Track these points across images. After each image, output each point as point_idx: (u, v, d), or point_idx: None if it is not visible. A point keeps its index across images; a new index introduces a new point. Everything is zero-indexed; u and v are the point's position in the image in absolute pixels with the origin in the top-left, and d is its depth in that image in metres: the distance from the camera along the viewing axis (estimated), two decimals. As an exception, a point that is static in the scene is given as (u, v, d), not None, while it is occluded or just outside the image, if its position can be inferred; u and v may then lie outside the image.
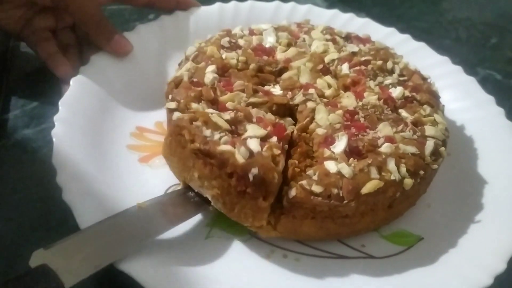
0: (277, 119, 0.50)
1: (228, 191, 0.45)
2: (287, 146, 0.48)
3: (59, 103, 0.53)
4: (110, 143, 0.53)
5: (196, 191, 0.48)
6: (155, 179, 0.52)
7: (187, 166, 0.47)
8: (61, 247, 0.40)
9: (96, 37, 0.59)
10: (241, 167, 0.44)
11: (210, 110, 0.48)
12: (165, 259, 0.45)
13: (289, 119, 0.52)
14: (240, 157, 0.44)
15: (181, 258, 0.45)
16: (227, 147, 0.44)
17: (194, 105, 0.48)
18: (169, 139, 0.49)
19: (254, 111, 0.49)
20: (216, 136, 0.45)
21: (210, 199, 0.47)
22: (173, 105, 0.49)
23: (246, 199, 0.45)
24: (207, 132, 0.46)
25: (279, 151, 0.46)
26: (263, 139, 0.46)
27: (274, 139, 0.47)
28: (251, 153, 0.44)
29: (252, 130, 0.46)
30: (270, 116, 0.50)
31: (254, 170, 0.43)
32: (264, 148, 0.45)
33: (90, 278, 0.39)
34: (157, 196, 0.49)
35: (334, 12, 0.74)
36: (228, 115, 0.48)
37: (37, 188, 0.51)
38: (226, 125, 0.46)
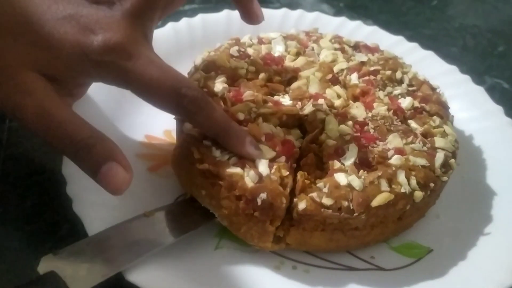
0: (285, 135, 0.50)
1: (236, 212, 0.45)
2: (295, 164, 0.48)
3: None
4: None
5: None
6: (164, 188, 0.52)
7: (195, 182, 0.47)
8: (70, 254, 0.40)
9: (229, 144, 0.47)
10: (250, 191, 0.44)
11: None
12: (174, 270, 0.45)
13: (297, 131, 0.52)
14: (249, 181, 0.44)
15: (190, 269, 0.45)
16: (237, 170, 0.44)
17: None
18: (178, 151, 0.49)
19: (263, 126, 0.49)
20: (225, 156, 0.45)
21: (216, 216, 0.47)
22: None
23: (253, 222, 0.45)
24: (217, 153, 0.46)
25: (288, 172, 0.46)
26: (272, 160, 0.46)
27: (283, 159, 0.47)
28: (260, 177, 0.44)
29: (263, 152, 0.46)
30: (279, 132, 0.49)
31: (263, 195, 0.43)
32: (273, 170, 0.45)
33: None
34: (165, 205, 0.49)
35: (342, 19, 0.74)
36: None
37: (46, 197, 0.51)
38: None
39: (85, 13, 0.42)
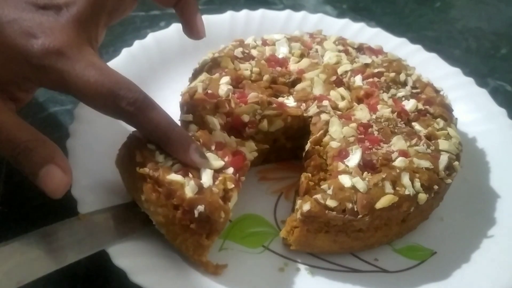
0: (238, 146, 0.48)
1: (172, 221, 0.43)
2: (243, 178, 0.47)
3: (74, 113, 0.53)
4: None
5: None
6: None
7: (136, 186, 0.45)
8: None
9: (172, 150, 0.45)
10: (188, 201, 0.42)
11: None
12: (179, 271, 0.45)
13: (252, 144, 0.50)
14: (188, 191, 0.42)
15: (196, 270, 0.45)
16: (177, 177, 0.42)
17: (209, 118, 0.48)
18: (122, 152, 0.47)
19: (216, 134, 0.48)
20: (169, 162, 0.44)
21: (154, 223, 0.45)
22: (189, 117, 0.49)
23: (189, 233, 0.43)
24: (160, 157, 0.44)
25: (233, 185, 0.44)
26: (219, 170, 0.45)
27: (231, 170, 0.45)
28: (200, 188, 0.42)
29: (209, 160, 0.45)
30: (231, 142, 0.48)
31: (200, 207, 0.42)
32: (217, 182, 0.44)
33: None
34: (103, 208, 0.46)
35: (345, 21, 0.74)
36: None
37: (51, 199, 0.51)
38: None
39: (29, 17, 0.42)
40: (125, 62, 0.61)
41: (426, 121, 0.53)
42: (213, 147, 0.46)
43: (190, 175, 0.43)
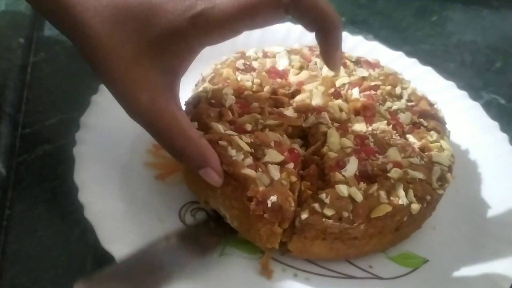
0: (291, 143, 0.52)
1: (247, 213, 0.47)
2: (302, 171, 0.50)
3: (80, 120, 0.55)
4: (129, 160, 0.55)
5: (214, 210, 0.50)
6: (172, 196, 0.54)
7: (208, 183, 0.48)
8: (99, 281, 0.41)
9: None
10: (262, 193, 0.45)
11: (229, 132, 0.50)
12: (179, 275, 0.46)
13: (299, 141, 0.54)
14: (261, 183, 0.46)
15: (196, 273, 0.47)
16: (250, 171, 0.46)
17: (214, 125, 0.50)
18: None
19: (270, 134, 0.51)
20: (240, 156, 0.47)
21: (227, 217, 0.49)
22: (194, 125, 0.51)
23: (262, 223, 0.46)
24: (233, 152, 0.47)
25: (296, 179, 0.48)
26: (281, 165, 0.48)
27: (291, 165, 0.49)
28: (271, 180, 0.46)
29: (271, 156, 0.48)
30: (285, 140, 0.52)
31: (273, 198, 0.45)
32: (283, 175, 0.48)
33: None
34: (184, 227, 0.50)
35: (344, 34, 0.75)
36: (248, 138, 0.49)
37: (58, 203, 0.53)
38: (248, 148, 0.48)
39: None
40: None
41: (420, 134, 0.55)
42: (272, 144, 0.50)
43: (260, 169, 0.47)
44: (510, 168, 0.60)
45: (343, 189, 0.48)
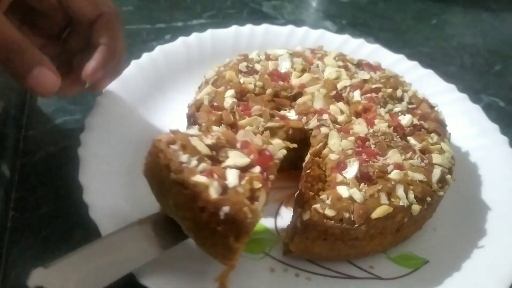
0: (265, 144, 0.47)
1: (200, 225, 0.42)
2: (272, 176, 0.45)
3: (85, 122, 0.56)
4: (133, 161, 0.55)
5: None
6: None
7: (163, 191, 0.44)
8: (59, 267, 0.39)
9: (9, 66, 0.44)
10: (213, 203, 0.40)
11: (192, 132, 0.45)
12: (182, 275, 0.47)
13: (279, 141, 0.49)
14: (213, 192, 0.40)
15: (197, 274, 0.48)
16: (202, 179, 0.41)
17: (215, 128, 0.51)
18: (148, 159, 0.45)
19: (241, 133, 0.47)
20: (193, 162, 0.42)
21: (183, 228, 0.45)
22: (195, 128, 0.51)
23: (217, 237, 0.42)
24: (184, 158, 0.42)
25: (260, 185, 0.43)
26: (245, 169, 0.43)
27: (257, 169, 0.44)
28: (224, 188, 0.41)
29: (234, 158, 0.44)
30: (257, 141, 0.46)
31: (226, 208, 0.40)
32: (243, 181, 0.42)
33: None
34: (156, 213, 0.47)
35: (345, 37, 0.77)
36: (210, 139, 0.45)
37: (61, 204, 0.54)
38: (206, 150, 0.43)
39: None
40: (134, 73, 0.64)
41: (420, 136, 0.56)
42: (238, 145, 0.45)
43: (215, 175, 0.42)
44: (510, 170, 0.60)
45: (344, 190, 0.48)
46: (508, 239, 0.53)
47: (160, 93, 0.64)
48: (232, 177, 0.42)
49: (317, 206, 0.48)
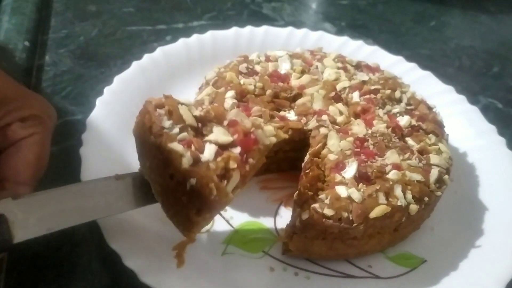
0: (255, 127, 0.45)
1: (167, 191, 0.42)
2: (252, 161, 0.44)
3: (86, 122, 0.56)
4: (135, 159, 0.56)
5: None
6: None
7: (143, 151, 0.45)
8: (27, 201, 0.40)
9: None
10: (181, 172, 0.40)
11: (183, 100, 0.45)
12: (184, 273, 0.47)
13: (271, 128, 0.48)
14: (184, 162, 0.40)
15: (199, 272, 0.48)
16: (177, 147, 0.40)
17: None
18: (138, 119, 0.45)
19: (233, 112, 0.45)
20: (175, 130, 0.42)
21: (153, 192, 0.45)
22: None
23: (180, 206, 0.42)
24: (167, 123, 0.42)
25: (235, 165, 0.42)
26: (225, 147, 0.43)
27: (238, 150, 0.43)
28: (196, 161, 0.41)
29: (216, 134, 0.43)
30: (247, 122, 0.45)
31: (192, 180, 0.40)
32: (219, 159, 0.41)
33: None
34: (139, 172, 0.47)
35: (344, 39, 0.77)
36: (198, 111, 0.44)
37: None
38: (191, 121, 0.43)
39: None
40: (135, 74, 0.65)
41: (418, 137, 0.57)
42: (225, 123, 0.44)
43: (193, 147, 0.41)
44: (507, 171, 0.61)
45: (342, 190, 0.49)
46: (504, 239, 0.54)
47: (160, 94, 0.64)
48: (208, 152, 0.41)
49: (316, 205, 0.48)
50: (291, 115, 0.57)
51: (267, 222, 0.55)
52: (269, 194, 0.58)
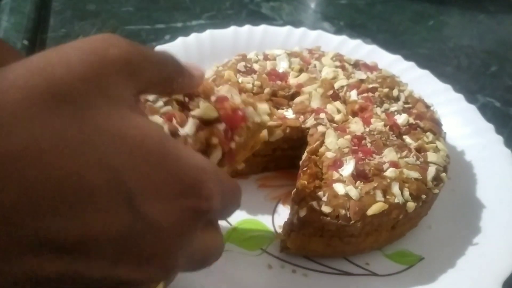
0: (245, 105, 0.42)
1: None
2: (239, 138, 0.41)
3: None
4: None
5: None
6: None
7: None
8: None
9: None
10: None
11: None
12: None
13: (265, 106, 0.45)
14: None
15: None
16: (157, 119, 0.38)
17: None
18: None
19: (225, 88, 0.42)
20: (159, 103, 0.39)
21: None
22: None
23: None
24: (151, 96, 0.39)
25: (217, 141, 0.39)
26: (209, 123, 0.39)
27: (222, 126, 0.40)
28: (173, 134, 0.38)
29: (202, 110, 0.39)
30: (237, 98, 0.42)
31: None
32: (200, 133, 0.38)
33: None
34: None
35: (343, 38, 0.78)
36: None
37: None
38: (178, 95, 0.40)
39: None
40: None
41: (416, 135, 0.57)
42: (213, 98, 0.41)
43: (174, 120, 0.38)
44: (504, 169, 0.61)
45: (340, 188, 0.49)
46: (502, 236, 0.54)
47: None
48: (188, 127, 0.38)
49: (314, 203, 0.49)
50: (289, 113, 0.57)
51: (265, 220, 0.55)
52: (267, 192, 0.58)
